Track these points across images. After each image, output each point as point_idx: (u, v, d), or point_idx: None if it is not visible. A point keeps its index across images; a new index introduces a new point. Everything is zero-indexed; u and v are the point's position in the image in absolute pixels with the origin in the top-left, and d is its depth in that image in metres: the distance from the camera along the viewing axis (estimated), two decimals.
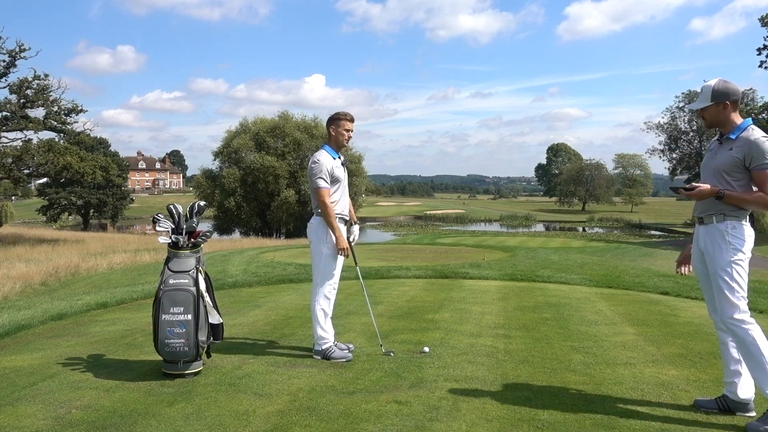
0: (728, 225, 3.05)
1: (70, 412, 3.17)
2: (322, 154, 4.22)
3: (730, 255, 3.03)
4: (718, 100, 3.08)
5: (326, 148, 4.30)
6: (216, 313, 3.92)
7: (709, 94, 3.10)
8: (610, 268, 11.79)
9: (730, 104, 3.07)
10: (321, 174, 4.14)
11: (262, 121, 44.50)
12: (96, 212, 58.67)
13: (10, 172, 28.64)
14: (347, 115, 4.31)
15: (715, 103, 3.09)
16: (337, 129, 4.28)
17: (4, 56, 27.65)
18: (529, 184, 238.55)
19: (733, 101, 3.07)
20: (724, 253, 3.04)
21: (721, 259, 3.05)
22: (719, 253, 3.06)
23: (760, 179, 2.96)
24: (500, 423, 3.03)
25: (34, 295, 11.72)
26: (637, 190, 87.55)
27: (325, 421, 3.05)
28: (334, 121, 4.29)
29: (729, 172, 3.06)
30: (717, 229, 3.08)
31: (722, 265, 3.04)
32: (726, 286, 3.03)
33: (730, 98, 3.06)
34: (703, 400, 3.28)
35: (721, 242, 3.06)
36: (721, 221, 3.07)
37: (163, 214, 4.10)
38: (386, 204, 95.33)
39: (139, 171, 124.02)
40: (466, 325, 5.40)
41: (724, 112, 3.09)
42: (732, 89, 3.07)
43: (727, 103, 3.07)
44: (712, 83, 3.11)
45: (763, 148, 2.94)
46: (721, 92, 3.07)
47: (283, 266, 11.42)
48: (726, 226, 3.05)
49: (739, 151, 3.01)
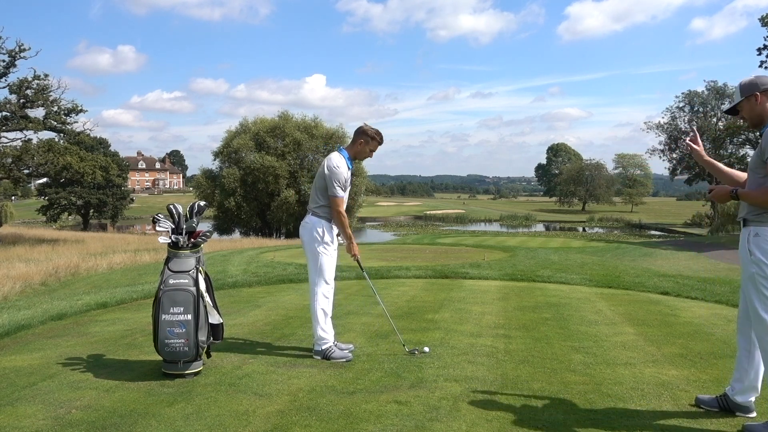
0: (750, 231, 2.89)
1: (70, 412, 3.17)
2: (342, 162, 4.20)
3: (752, 266, 2.87)
4: (748, 93, 2.96)
5: (344, 154, 4.28)
6: (216, 313, 3.92)
7: (739, 91, 3.00)
8: (610, 268, 11.79)
9: (761, 95, 2.92)
10: (340, 182, 4.16)
11: (262, 121, 44.50)
12: (96, 212, 58.66)
13: (10, 172, 28.64)
14: (381, 138, 4.32)
15: (746, 97, 2.97)
16: (366, 145, 4.29)
17: (4, 56, 27.69)
18: (529, 184, 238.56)
19: (764, 91, 2.92)
20: (747, 264, 2.90)
21: (746, 269, 2.92)
22: (743, 262, 2.94)
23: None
24: (500, 423, 3.03)
25: (34, 295, 11.72)
26: (637, 190, 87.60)
27: (325, 421, 3.05)
28: (366, 137, 4.28)
29: (754, 169, 2.92)
30: (743, 235, 2.95)
31: (747, 276, 2.92)
32: (756, 299, 2.86)
33: (760, 88, 2.92)
34: (704, 397, 3.28)
35: (743, 251, 2.93)
36: (744, 227, 2.93)
37: (163, 214, 4.10)
38: (386, 204, 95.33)
39: (139, 171, 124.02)
40: (466, 325, 5.40)
41: (758, 105, 2.94)
42: (762, 80, 2.93)
43: (758, 95, 2.93)
44: (741, 80, 3.02)
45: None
46: (749, 85, 2.96)
47: (283, 266, 11.41)
48: (748, 233, 2.89)
49: (761, 145, 2.87)
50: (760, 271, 2.83)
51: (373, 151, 4.35)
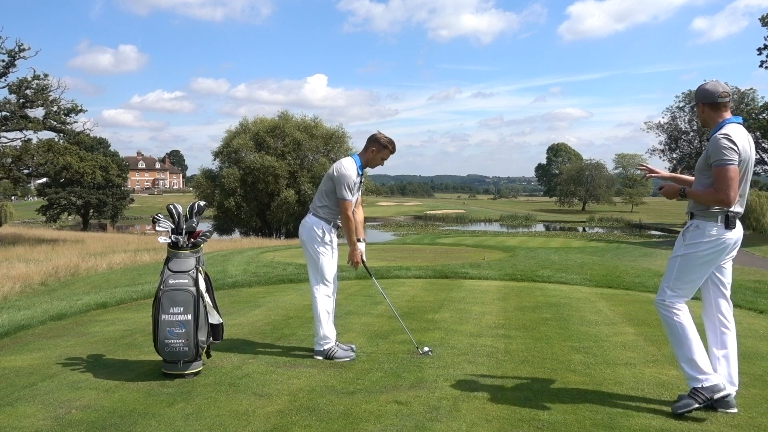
0: (692, 224, 3.22)
1: (69, 412, 3.16)
2: (352, 166, 4.18)
3: (680, 249, 3.22)
4: (697, 101, 3.28)
5: (357, 160, 4.26)
6: (216, 313, 3.91)
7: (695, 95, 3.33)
8: (610, 268, 11.79)
9: (705, 105, 3.20)
10: (348, 185, 4.14)
11: (262, 121, 44.53)
12: (96, 212, 58.65)
13: (9, 172, 28.63)
14: (393, 147, 4.31)
15: (698, 103, 3.28)
16: (378, 153, 4.28)
17: (4, 56, 27.63)
18: (529, 184, 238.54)
19: (707, 103, 3.19)
20: (678, 248, 3.25)
21: (673, 252, 3.27)
22: (676, 247, 3.28)
23: (714, 175, 3.08)
24: (500, 423, 3.03)
25: (33, 295, 11.72)
26: (637, 190, 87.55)
27: (325, 421, 3.05)
28: (379, 146, 4.26)
29: (701, 171, 3.22)
30: (687, 225, 3.28)
31: (671, 257, 3.28)
32: (667, 273, 3.27)
33: (705, 101, 3.20)
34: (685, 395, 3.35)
35: (680, 238, 3.27)
36: (690, 219, 3.26)
37: (162, 214, 4.10)
38: (386, 204, 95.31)
39: (139, 171, 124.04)
40: (466, 325, 5.40)
41: (702, 114, 3.25)
42: (703, 91, 3.19)
43: (702, 104, 3.22)
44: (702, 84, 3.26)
45: (718, 146, 3.04)
46: (698, 94, 3.25)
47: (283, 266, 11.41)
48: (690, 224, 3.23)
49: (707, 149, 3.17)
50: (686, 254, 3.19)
51: (384, 159, 4.33)
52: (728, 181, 3.01)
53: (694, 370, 3.14)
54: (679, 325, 3.18)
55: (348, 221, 4.20)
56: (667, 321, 3.24)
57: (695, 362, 3.13)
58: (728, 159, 3.02)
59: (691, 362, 3.15)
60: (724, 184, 3.02)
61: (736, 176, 3.04)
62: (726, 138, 3.03)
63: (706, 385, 3.09)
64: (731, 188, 3.02)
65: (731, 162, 3.02)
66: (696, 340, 3.16)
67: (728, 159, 3.02)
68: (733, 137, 3.04)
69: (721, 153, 3.02)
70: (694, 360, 3.14)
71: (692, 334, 3.17)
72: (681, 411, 3.08)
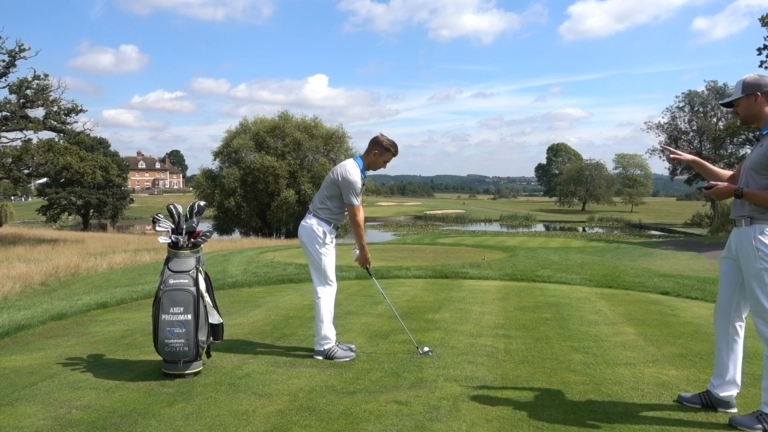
0: (756, 229, 2.93)
1: (70, 412, 3.16)
2: (356, 171, 4.18)
3: (759, 263, 2.90)
4: (749, 92, 2.99)
5: (360, 163, 4.25)
6: (216, 313, 3.91)
7: (740, 87, 3.03)
8: (610, 268, 11.79)
9: (762, 96, 2.97)
10: (356, 190, 4.15)
11: (262, 121, 44.53)
12: (96, 212, 58.66)
13: (10, 172, 28.63)
14: (395, 149, 4.31)
15: (746, 95, 3.01)
16: (380, 156, 4.27)
17: (4, 56, 27.64)
18: (529, 184, 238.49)
19: (765, 93, 2.96)
20: (753, 261, 2.93)
21: (751, 267, 2.95)
22: (748, 259, 2.96)
23: None
24: (500, 423, 3.03)
25: (34, 295, 11.72)
26: (637, 190, 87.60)
27: (325, 421, 3.05)
28: (382, 149, 4.26)
29: (758, 170, 2.94)
30: (746, 233, 2.98)
31: (753, 273, 2.94)
32: (762, 293, 2.91)
33: (762, 89, 2.97)
34: (686, 395, 3.34)
35: (749, 248, 2.94)
36: (749, 225, 2.97)
37: (163, 214, 4.10)
38: (386, 204, 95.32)
39: (139, 171, 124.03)
40: (466, 325, 5.40)
41: (755, 105, 2.99)
42: (765, 81, 2.98)
43: (758, 95, 2.97)
44: (744, 77, 3.05)
45: None
46: (753, 84, 2.99)
47: (283, 266, 11.41)
48: (754, 231, 2.93)
49: (766, 146, 2.90)
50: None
51: (387, 162, 4.33)
52: None
53: None
54: None
55: (358, 226, 4.23)
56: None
57: None
58: None
59: None
60: None
61: None
62: None
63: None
64: None
65: None
66: None
67: None
68: None
69: None
70: None
71: None
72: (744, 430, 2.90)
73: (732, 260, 3.13)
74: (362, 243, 4.34)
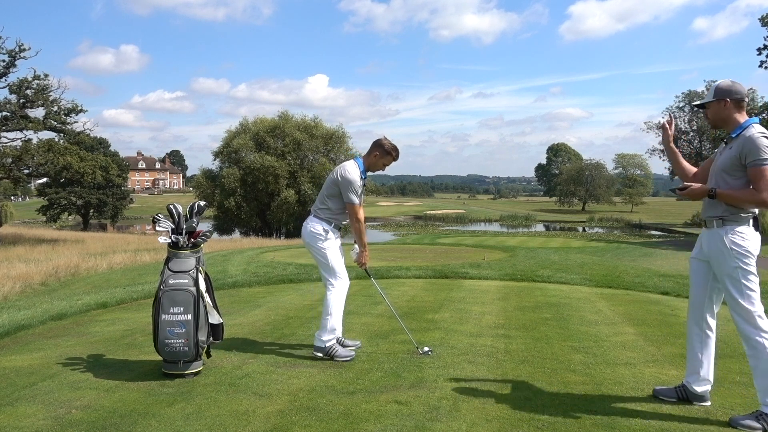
0: (728, 230, 3.04)
1: (70, 412, 3.17)
2: (355, 170, 4.20)
3: (733, 261, 3.01)
4: (720, 97, 3.11)
5: (360, 164, 4.27)
6: (216, 313, 3.92)
7: (713, 92, 3.15)
8: (610, 268, 11.79)
9: (731, 102, 3.09)
10: (355, 189, 4.17)
11: (262, 121, 44.55)
12: (96, 212, 58.67)
13: (10, 172, 28.64)
14: (396, 153, 4.33)
15: (717, 99, 3.12)
16: (381, 158, 4.30)
17: (4, 56, 27.66)
18: (529, 184, 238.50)
19: (734, 99, 3.09)
20: (728, 260, 3.02)
21: (725, 266, 3.04)
22: (723, 259, 3.05)
23: (753, 175, 2.95)
24: (500, 423, 3.03)
25: (34, 295, 11.72)
26: (637, 190, 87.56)
27: (325, 421, 3.05)
28: (383, 152, 4.28)
29: (729, 171, 3.05)
30: (717, 234, 3.08)
31: (728, 272, 3.03)
32: (737, 291, 3.00)
33: (732, 96, 3.08)
34: (662, 388, 3.43)
35: (722, 248, 3.04)
36: (721, 226, 3.07)
37: (163, 214, 4.10)
38: (386, 204, 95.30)
39: (139, 171, 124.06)
40: (466, 325, 5.40)
41: (725, 110, 3.11)
42: (735, 88, 3.10)
43: (728, 101, 3.09)
44: (718, 81, 3.16)
45: (757, 144, 2.93)
46: (724, 90, 3.11)
47: (283, 266, 11.41)
48: (726, 231, 3.05)
49: (736, 149, 3.02)
50: (743, 264, 3.00)
51: (386, 165, 4.36)
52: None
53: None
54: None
55: (358, 224, 4.25)
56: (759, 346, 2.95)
57: None
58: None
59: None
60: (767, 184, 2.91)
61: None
62: (766, 137, 2.95)
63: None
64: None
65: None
66: None
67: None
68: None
69: (764, 151, 2.91)
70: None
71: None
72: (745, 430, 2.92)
73: (702, 261, 3.23)
74: (363, 241, 4.36)
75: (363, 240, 4.35)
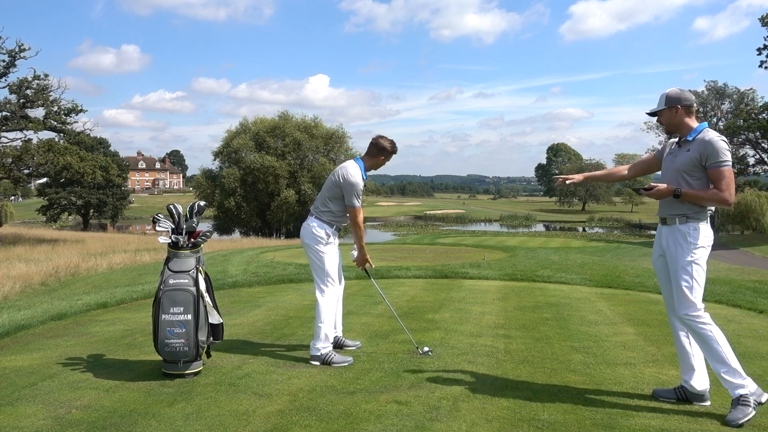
0: (690, 227, 3.22)
1: (70, 412, 3.17)
2: (358, 173, 4.19)
3: (690, 255, 3.19)
4: (671, 105, 3.28)
5: (361, 165, 4.26)
6: (216, 313, 3.92)
7: (663, 100, 3.32)
8: (610, 268, 11.79)
9: (682, 108, 3.27)
10: (358, 192, 4.17)
11: (262, 121, 44.54)
12: (96, 212, 58.68)
13: (10, 172, 28.64)
14: (395, 148, 4.36)
15: (668, 107, 3.29)
16: (382, 158, 4.32)
17: (4, 56, 27.66)
18: (529, 184, 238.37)
19: (684, 106, 3.27)
20: (686, 253, 3.20)
21: (681, 259, 3.21)
22: (681, 253, 3.22)
23: (715, 176, 3.14)
24: (500, 423, 3.03)
25: (34, 295, 11.72)
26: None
27: (325, 421, 3.05)
28: (384, 151, 4.30)
29: (689, 172, 3.23)
30: (679, 230, 3.24)
31: (683, 264, 3.20)
32: (686, 284, 3.18)
33: (682, 103, 3.27)
34: (661, 390, 3.46)
35: (683, 243, 3.22)
36: (684, 223, 3.24)
37: (163, 214, 4.10)
38: (386, 204, 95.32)
39: (139, 171, 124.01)
40: (466, 325, 5.40)
41: (677, 116, 3.28)
42: (684, 96, 3.30)
43: (679, 107, 3.27)
44: (667, 90, 3.34)
45: (717, 147, 3.12)
46: (674, 97, 3.29)
47: (283, 266, 11.42)
48: (688, 228, 3.22)
49: (695, 152, 3.19)
50: (698, 260, 3.19)
51: (386, 160, 4.38)
52: (731, 181, 3.14)
53: (737, 377, 3.07)
54: (718, 335, 3.10)
55: (359, 228, 4.26)
56: (703, 334, 3.12)
57: (737, 370, 3.08)
58: (728, 160, 3.15)
59: (734, 372, 3.07)
60: (728, 184, 3.13)
61: (733, 177, 3.17)
62: (723, 140, 3.16)
63: (752, 390, 3.06)
64: (733, 188, 3.16)
65: (730, 163, 3.16)
66: (730, 347, 3.12)
67: (728, 160, 3.15)
68: None
69: (723, 154, 3.12)
70: (735, 368, 3.08)
71: (726, 341, 3.12)
72: (743, 422, 2.97)
73: (664, 258, 3.36)
74: (361, 244, 4.38)
75: (362, 243, 4.38)
